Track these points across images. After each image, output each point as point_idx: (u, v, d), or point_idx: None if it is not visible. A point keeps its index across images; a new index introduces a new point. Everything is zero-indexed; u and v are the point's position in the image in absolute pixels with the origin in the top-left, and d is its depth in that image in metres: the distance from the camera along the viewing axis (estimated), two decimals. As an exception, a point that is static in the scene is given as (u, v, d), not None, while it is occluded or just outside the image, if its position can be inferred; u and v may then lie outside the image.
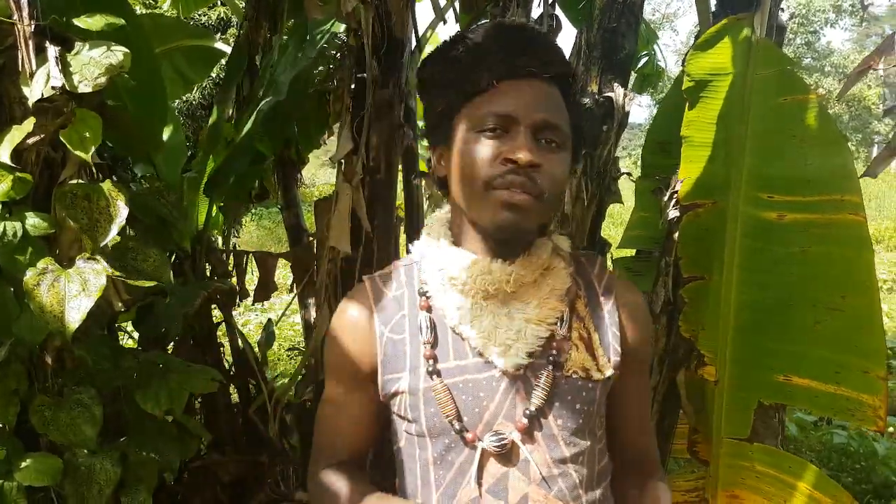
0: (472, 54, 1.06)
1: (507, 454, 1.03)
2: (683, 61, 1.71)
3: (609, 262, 2.17)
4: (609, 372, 1.09)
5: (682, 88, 1.68)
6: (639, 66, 3.43)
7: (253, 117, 2.28)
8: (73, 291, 1.41)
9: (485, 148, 1.01)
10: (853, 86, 1.93)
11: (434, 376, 1.06)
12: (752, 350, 1.66)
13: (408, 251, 1.23)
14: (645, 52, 3.39)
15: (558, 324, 1.08)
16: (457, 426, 1.04)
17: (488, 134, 1.01)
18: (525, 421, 1.03)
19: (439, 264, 1.09)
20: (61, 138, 1.39)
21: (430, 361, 1.07)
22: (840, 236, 1.51)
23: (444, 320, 1.09)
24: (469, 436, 1.04)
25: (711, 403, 1.74)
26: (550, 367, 1.05)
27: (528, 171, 0.98)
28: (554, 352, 1.06)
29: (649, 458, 1.23)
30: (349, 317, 1.16)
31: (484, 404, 1.05)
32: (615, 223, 8.55)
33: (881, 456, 3.58)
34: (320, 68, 2.66)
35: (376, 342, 1.11)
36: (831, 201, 1.51)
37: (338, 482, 1.15)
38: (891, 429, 4.06)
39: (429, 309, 1.10)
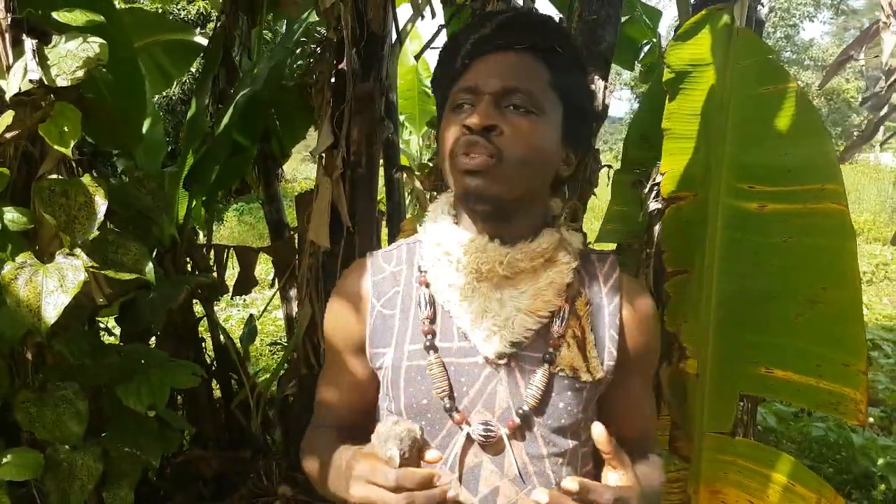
0: (453, 45, 1.08)
1: (482, 444, 1.02)
2: (663, 54, 1.71)
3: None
4: (599, 375, 1.06)
5: (663, 80, 1.67)
6: (641, 56, 3.29)
7: (231, 109, 2.27)
8: (50, 287, 1.39)
9: (452, 123, 1.02)
10: (833, 76, 1.94)
11: (431, 351, 1.04)
12: (734, 343, 1.65)
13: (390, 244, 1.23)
14: (646, 42, 3.24)
15: (554, 320, 1.05)
16: (447, 404, 1.02)
17: (458, 110, 1.03)
18: (517, 420, 1.01)
19: (437, 240, 1.09)
20: (40, 132, 1.37)
21: (429, 336, 1.05)
22: (822, 226, 1.49)
23: (436, 297, 1.08)
24: (457, 416, 1.02)
25: (693, 397, 1.72)
26: (547, 364, 1.03)
27: (484, 134, 0.98)
28: (550, 349, 1.04)
29: (646, 454, 1.19)
30: (345, 287, 1.17)
31: (464, 389, 1.03)
32: (597, 217, 8.59)
33: (859, 446, 3.61)
34: (300, 62, 2.65)
35: (367, 315, 1.12)
36: (812, 191, 1.49)
37: (320, 436, 1.18)
38: (870, 419, 4.11)
39: (427, 285, 1.09)
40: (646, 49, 3.32)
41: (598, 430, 0.93)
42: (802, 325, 1.54)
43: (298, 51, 2.59)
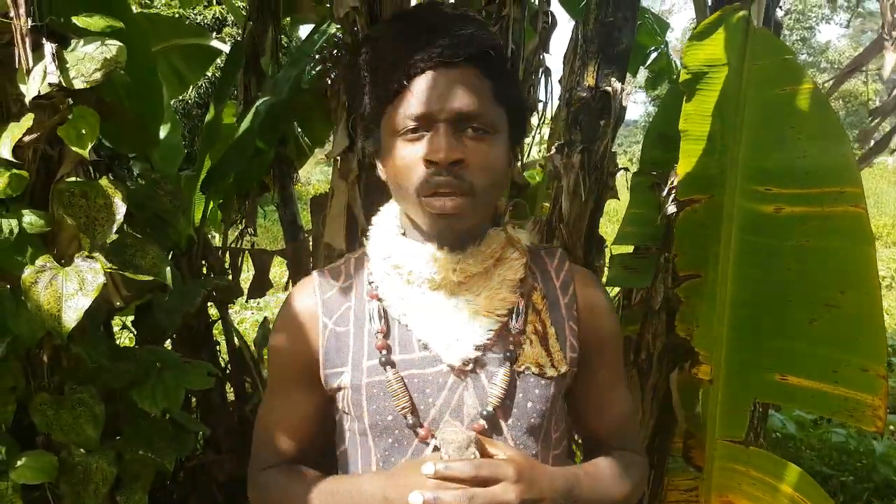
0: (380, 56, 1.03)
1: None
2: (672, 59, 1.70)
3: (606, 259, 2.16)
4: (564, 369, 1.05)
5: (679, 81, 1.66)
6: (649, 61, 3.26)
7: (251, 116, 2.28)
8: (70, 290, 1.40)
9: (408, 153, 0.97)
10: (840, 85, 1.92)
11: (388, 367, 1.02)
12: (748, 348, 1.62)
13: None
14: (655, 48, 3.21)
15: (511, 317, 1.04)
16: (410, 420, 1.00)
17: (409, 136, 0.98)
18: (483, 423, 0.99)
19: (386, 253, 1.07)
20: (59, 134, 1.39)
21: (384, 352, 1.03)
22: (839, 229, 1.47)
23: (390, 311, 1.06)
24: (422, 432, 1.00)
25: (706, 404, 1.70)
26: (508, 363, 1.01)
27: (451, 169, 0.94)
28: (511, 347, 1.02)
29: (627, 448, 1.17)
30: (293, 309, 1.12)
31: (430, 401, 1.01)
32: (611, 220, 8.55)
33: (879, 454, 3.56)
34: (318, 67, 2.66)
35: (319, 335, 1.08)
36: (830, 193, 1.47)
37: (283, 478, 1.11)
38: (892, 426, 4.05)
39: (378, 299, 1.07)
40: (653, 56, 3.31)
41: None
42: (818, 329, 1.51)
43: (318, 56, 2.61)
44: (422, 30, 1.00)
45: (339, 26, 2.58)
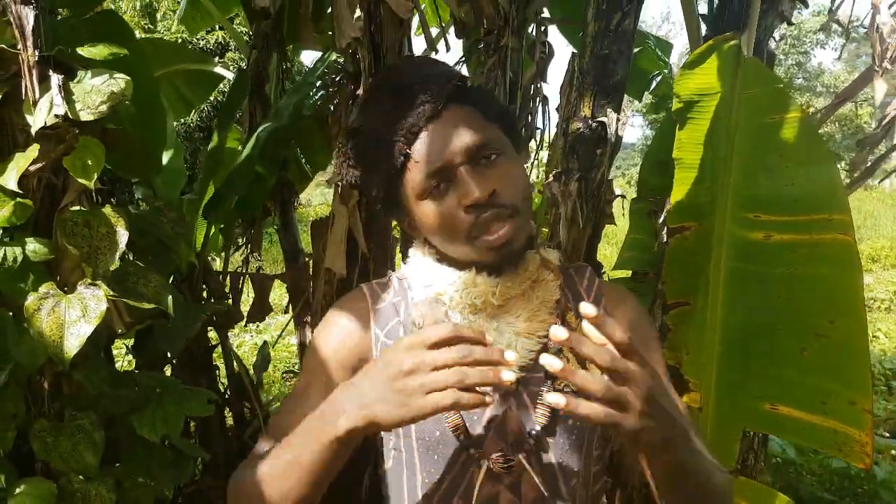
0: (371, 141, 1.06)
1: (499, 474, 1.01)
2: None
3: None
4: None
5: (672, 110, 1.69)
6: (653, 86, 3.28)
7: (252, 141, 2.31)
8: (72, 317, 1.41)
9: (442, 208, 1.01)
10: (832, 114, 1.95)
11: None
12: (738, 376, 1.63)
13: None
14: (657, 73, 3.22)
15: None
16: (464, 440, 1.02)
17: (436, 193, 1.01)
18: (532, 442, 1.02)
19: (426, 281, 1.10)
20: (64, 165, 1.41)
21: None
22: (828, 256, 1.48)
23: None
24: (475, 452, 1.02)
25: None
26: (550, 381, 1.03)
27: (490, 201, 0.98)
28: None
29: None
30: (345, 316, 1.13)
31: (475, 418, 1.04)
32: (609, 243, 8.57)
33: (881, 480, 3.55)
34: (321, 93, 2.70)
35: (371, 345, 1.10)
36: (819, 221, 1.49)
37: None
38: (893, 451, 4.03)
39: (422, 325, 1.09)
40: (657, 80, 3.31)
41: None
42: (808, 359, 1.52)
43: (319, 83, 2.64)
44: (390, 100, 1.05)
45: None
